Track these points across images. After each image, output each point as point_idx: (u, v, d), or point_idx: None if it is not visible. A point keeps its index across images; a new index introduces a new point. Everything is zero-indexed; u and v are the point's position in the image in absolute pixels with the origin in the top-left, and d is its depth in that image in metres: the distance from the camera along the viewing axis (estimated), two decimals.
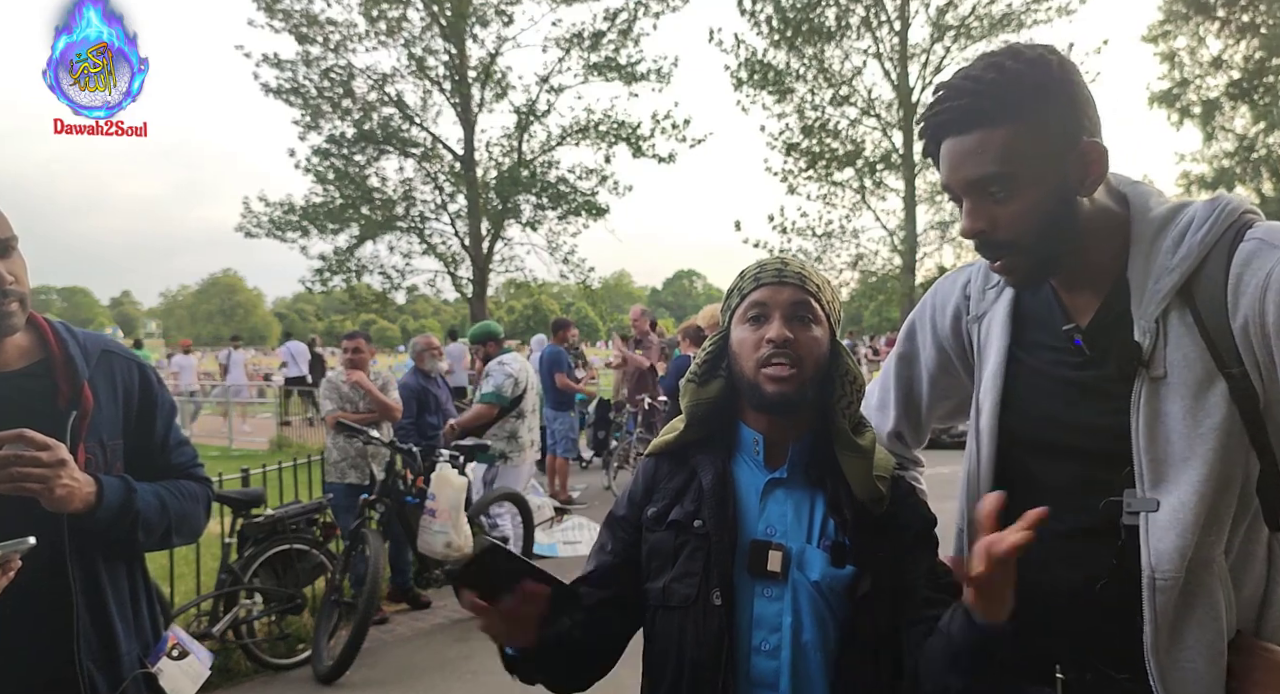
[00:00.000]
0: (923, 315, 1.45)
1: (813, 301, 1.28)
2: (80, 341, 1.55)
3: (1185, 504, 1.05)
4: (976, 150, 1.10)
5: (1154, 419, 1.08)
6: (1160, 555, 1.06)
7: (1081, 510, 1.15)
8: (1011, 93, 1.08)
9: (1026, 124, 1.08)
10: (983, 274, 1.34)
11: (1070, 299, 1.21)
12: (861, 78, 16.43)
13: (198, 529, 1.73)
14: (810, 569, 1.23)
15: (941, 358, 1.41)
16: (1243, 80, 19.65)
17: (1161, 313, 1.09)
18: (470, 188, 15.44)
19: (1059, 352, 1.20)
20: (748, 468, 1.32)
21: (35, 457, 1.33)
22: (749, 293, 1.30)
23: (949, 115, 1.12)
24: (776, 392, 1.23)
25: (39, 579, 1.38)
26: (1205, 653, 1.06)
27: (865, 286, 17.93)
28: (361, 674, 4.23)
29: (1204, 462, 1.05)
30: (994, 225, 1.13)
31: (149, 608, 1.65)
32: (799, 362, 1.23)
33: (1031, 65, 1.09)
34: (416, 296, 18.52)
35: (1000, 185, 1.10)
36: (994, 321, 1.29)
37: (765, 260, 1.35)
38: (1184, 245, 1.09)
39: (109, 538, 1.50)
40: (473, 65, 15.17)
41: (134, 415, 1.61)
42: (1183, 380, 1.07)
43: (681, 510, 1.30)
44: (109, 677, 1.51)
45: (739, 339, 1.30)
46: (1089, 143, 1.10)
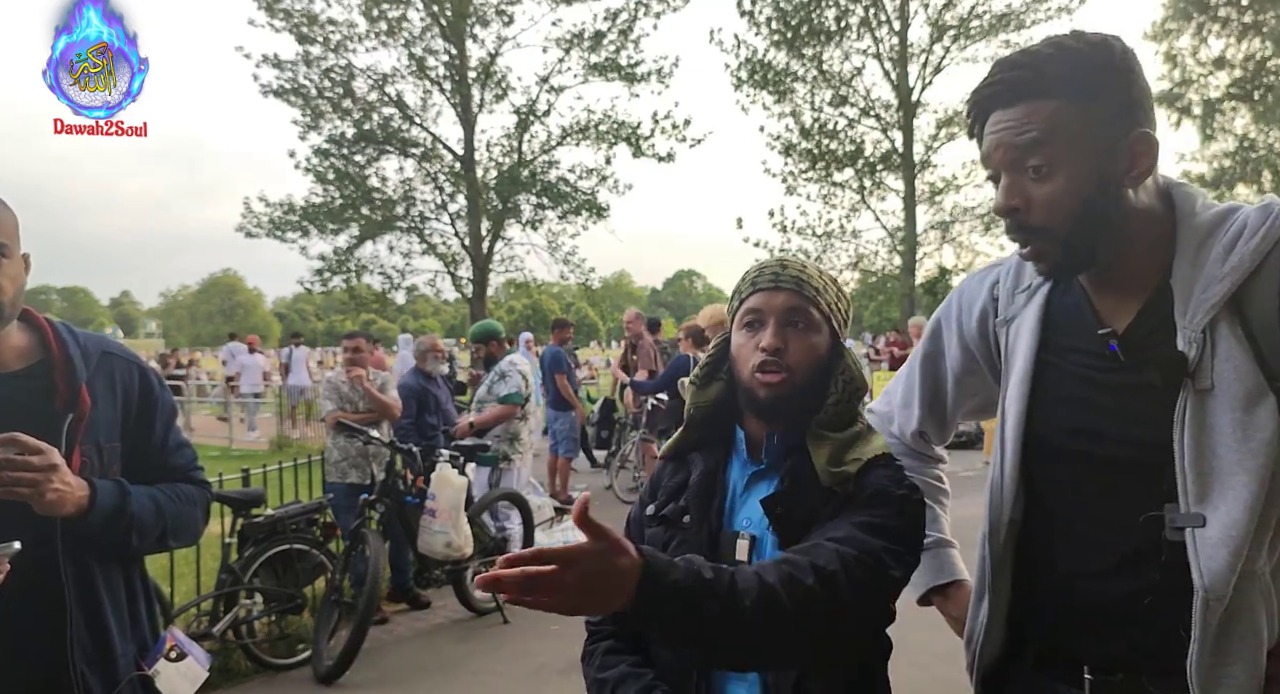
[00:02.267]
0: (949, 314, 1.42)
1: (809, 307, 1.28)
2: (81, 343, 1.55)
3: (1237, 521, 1.02)
4: (1022, 120, 1.07)
5: (1200, 433, 1.04)
6: (1213, 574, 1.03)
7: (1113, 522, 1.13)
8: (1066, 68, 1.06)
9: (1077, 102, 1.06)
10: (1013, 275, 1.30)
11: (1104, 303, 1.17)
12: (861, 78, 16.44)
13: (195, 532, 1.72)
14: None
15: (966, 358, 1.39)
16: (1244, 80, 19.64)
17: (1209, 323, 1.05)
18: (470, 188, 15.45)
19: (1091, 356, 1.16)
20: (738, 464, 1.34)
21: (26, 461, 1.32)
22: (746, 297, 1.32)
23: (1000, 86, 1.10)
24: (768, 395, 1.25)
25: (32, 582, 1.37)
26: (1247, 667, 1.04)
27: (865, 287, 17.95)
28: (361, 674, 4.22)
29: (1255, 477, 1.01)
30: (1028, 205, 1.10)
31: (147, 609, 1.64)
32: (790, 369, 1.24)
33: (1093, 46, 1.07)
34: (416, 296, 18.54)
35: (1041, 158, 1.07)
36: (1023, 325, 1.25)
37: (765, 262, 1.35)
38: (1235, 253, 1.05)
39: (103, 541, 1.49)
40: (473, 65, 15.18)
41: (133, 417, 1.60)
42: (1232, 394, 1.03)
43: (674, 506, 1.34)
44: (104, 679, 1.50)
45: (737, 345, 1.31)
46: (1140, 133, 1.07)
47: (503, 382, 5.63)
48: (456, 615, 5.09)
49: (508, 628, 4.85)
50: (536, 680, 4.12)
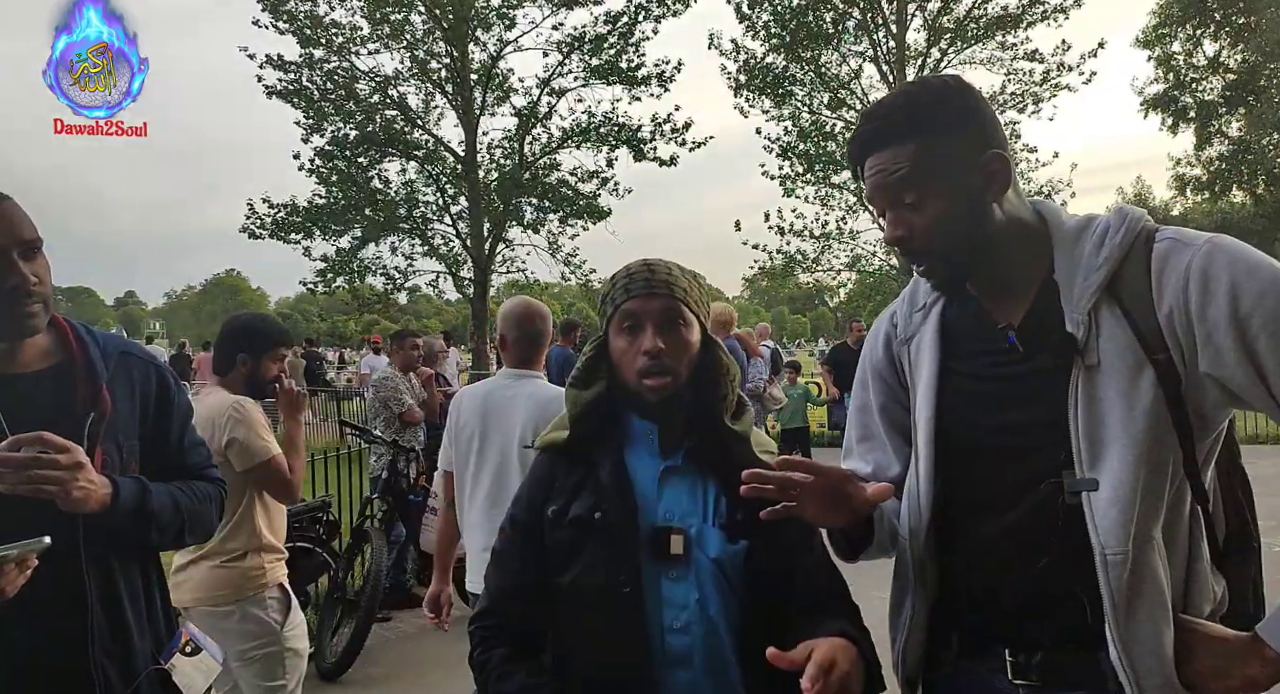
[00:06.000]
0: (864, 361, 1.53)
1: (681, 306, 1.36)
2: (100, 344, 1.58)
3: (1123, 481, 1.13)
4: (891, 163, 1.23)
5: (1090, 404, 1.16)
6: (1107, 532, 1.13)
7: (1020, 502, 1.23)
8: (917, 111, 1.22)
9: (933, 138, 1.21)
10: (907, 300, 1.45)
11: (995, 307, 1.30)
12: (859, 81, 16.45)
13: (210, 529, 1.75)
14: (709, 547, 1.31)
15: (883, 388, 1.47)
16: (1238, 83, 19.63)
17: (1093, 307, 1.18)
18: (472, 190, 15.48)
19: (992, 354, 1.28)
20: (642, 457, 1.39)
21: (54, 459, 1.34)
22: (621, 303, 1.38)
23: (868, 135, 1.26)
24: (657, 399, 1.34)
25: (54, 577, 1.39)
26: (1156, 626, 1.13)
27: (863, 287, 17.96)
28: (364, 671, 4.27)
29: (1136, 441, 1.13)
30: (911, 232, 1.25)
31: (163, 605, 1.67)
32: (672, 369, 1.33)
33: (936, 90, 1.24)
34: (418, 297, 18.57)
35: (914, 192, 1.22)
36: (923, 341, 1.38)
37: (633, 269, 1.41)
38: (1106, 246, 1.20)
39: (124, 537, 1.52)
40: (475, 68, 15.21)
41: (150, 417, 1.63)
42: (1116, 367, 1.16)
43: (581, 505, 1.35)
44: (123, 672, 1.53)
45: (619, 349, 1.38)
46: (993, 154, 1.22)
47: None
48: (458, 613, 5.10)
49: None
50: None
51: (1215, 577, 1.21)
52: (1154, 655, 1.12)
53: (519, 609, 1.40)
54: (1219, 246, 1.14)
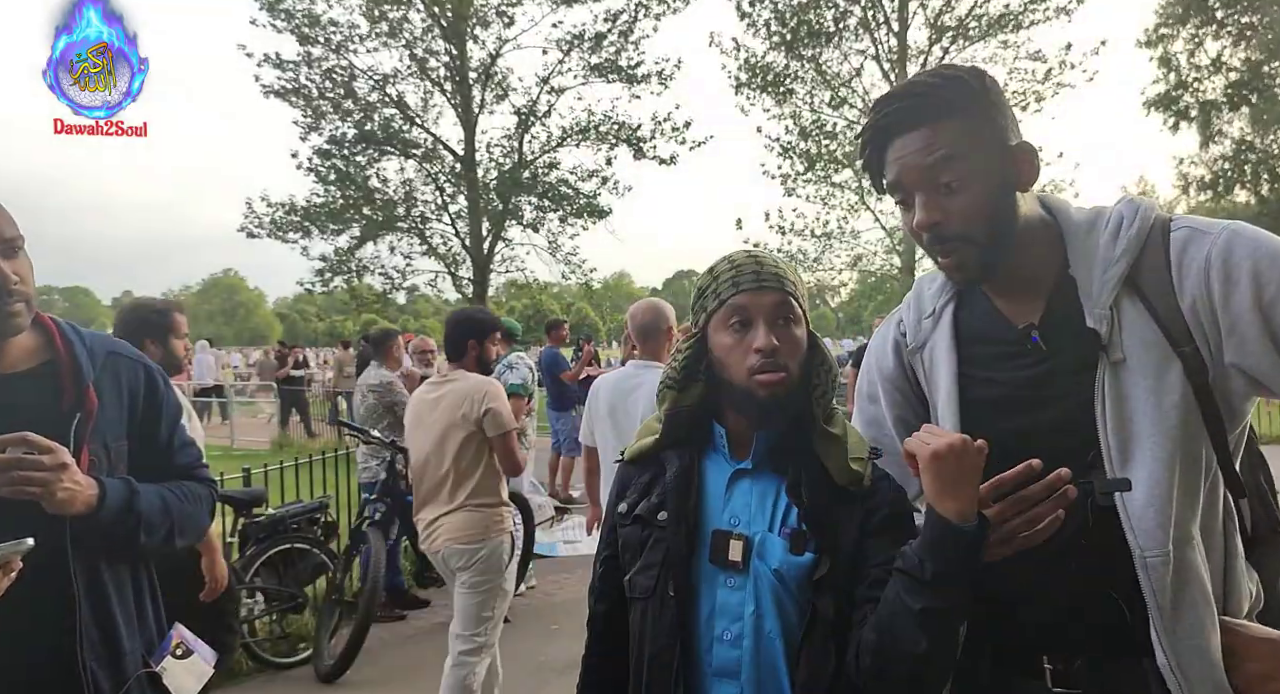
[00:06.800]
0: (869, 372, 1.47)
1: (792, 301, 1.28)
2: (87, 343, 1.55)
3: (1159, 480, 1.09)
4: (928, 142, 1.16)
5: (1119, 401, 1.13)
6: (1145, 534, 1.09)
7: None
8: (956, 92, 1.17)
9: (971, 119, 1.16)
10: (914, 308, 1.39)
11: (1011, 307, 1.25)
12: (860, 80, 16.45)
13: (201, 530, 1.73)
14: (770, 557, 1.23)
15: (897, 399, 1.42)
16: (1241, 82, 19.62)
17: (1114, 301, 1.15)
18: (471, 189, 15.47)
19: (1011, 357, 1.24)
20: (715, 461, 1.34)
21: (37, 460, 1.33)
22: (728, 298, 1.28)
23: (897, 115, 1.19)
24: (768, 396, 1.24)
25: (42, 579, 1.37)
26: (1202, 630, 1.09)
27: (864, 287, 17.96)
28: (363, 673, 4.25)
29: (1169, 438, 1.10)
30: (947, 217, 1.18)
31: (154, 606, 1.65)
32: (786, 366, 1.25)
33: (970, 73, 1.19)
34: (417, 297, 18.57)
35: (953, 174, 1.15)
36: (937, 347, 1.32)
37: (738, 260, 1.32)
38: (1122, 238, 1.17)
39: (112, 539, 1.49)
40: (473, 66, 15.20)
41: (139, 417, 1.61)
42: (1142, 362, 1.12)
43: (648, 504, 1.33)
44: (112, 675, 1.50)
45: (724, 346, 1.28)
46: (1023, 143, 1.19)
47: (510, 371, 5.65)
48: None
49: (508, 627, 4.85)
50: (536, 680, 4.14)
51: (1249, 573, 1.18)
52: (1203, 660, 1.08)
53: (603, 607, 1.43)
54: (1238, 234, 1.12)
